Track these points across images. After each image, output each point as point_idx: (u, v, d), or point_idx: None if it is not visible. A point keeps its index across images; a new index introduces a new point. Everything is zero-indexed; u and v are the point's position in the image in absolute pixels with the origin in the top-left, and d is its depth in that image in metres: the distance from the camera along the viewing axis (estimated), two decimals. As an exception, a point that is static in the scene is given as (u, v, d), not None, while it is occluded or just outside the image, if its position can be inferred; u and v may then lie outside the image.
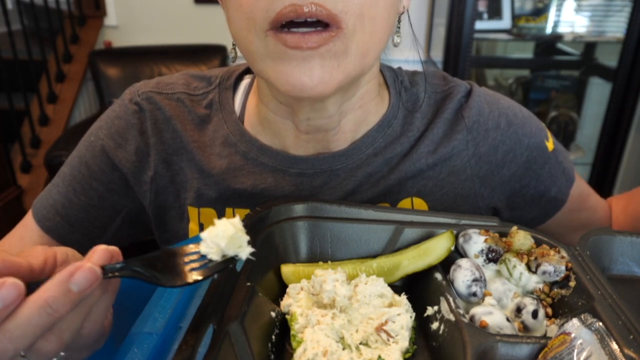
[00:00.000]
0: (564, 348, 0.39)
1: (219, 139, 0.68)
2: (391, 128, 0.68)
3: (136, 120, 0.69)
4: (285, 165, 0.67)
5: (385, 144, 0.68)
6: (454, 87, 0.71)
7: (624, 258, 0.55)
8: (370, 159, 0.67)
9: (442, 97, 0.70)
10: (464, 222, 0.55)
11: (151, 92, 0.70)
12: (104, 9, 2.89)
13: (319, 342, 0.43)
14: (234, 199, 0.68)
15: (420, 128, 0.69)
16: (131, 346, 0.42)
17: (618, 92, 2.15)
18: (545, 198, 0.73)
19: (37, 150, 2.71)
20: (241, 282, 0.45)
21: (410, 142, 0.68)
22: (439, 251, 0.52)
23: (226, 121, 0.69)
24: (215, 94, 0.70)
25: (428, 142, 0.68)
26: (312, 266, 0.53)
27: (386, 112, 0.68)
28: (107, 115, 0.71)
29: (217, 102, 0.70)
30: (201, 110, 0.70)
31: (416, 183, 0.68)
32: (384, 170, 0.67)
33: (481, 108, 0.69)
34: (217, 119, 0.69)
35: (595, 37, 2.35)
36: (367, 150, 0.67)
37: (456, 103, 0.69)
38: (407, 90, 0.71)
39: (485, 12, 2.32)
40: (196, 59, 2.72)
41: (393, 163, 0.68)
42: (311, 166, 0.66)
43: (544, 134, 0.73)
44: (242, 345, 0.40)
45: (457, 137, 0.68)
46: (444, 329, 0.45)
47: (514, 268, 0.50)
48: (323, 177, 0.67)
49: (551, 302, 0.49)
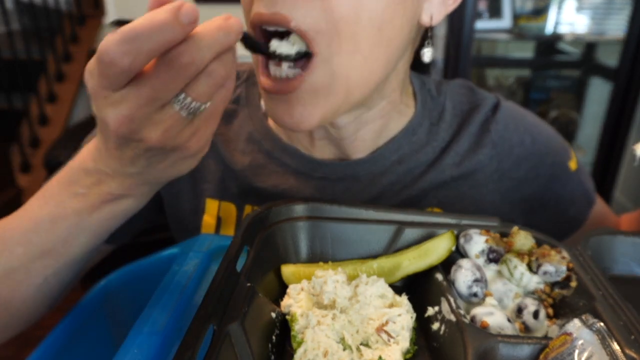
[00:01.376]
0: (565, 348, 0.39)
1: (243, 134, 0.67)
2: (416, 136, 0.67)
3: None
4: (309, 168, 0.66)
5: (411, 151, 0.66)
6: (481, 99, 0.70)
7: (625, 258, 0.55)
8: (394, 167, 0.66)
9: (469, 109, 0.69)
10: (465, 223, 0.55)
11: None
12: (104, 9, 2.89)
13: (319, 343, 0.42)
14: (254, 197, 0.67)
15: (446, 139, 0.67)
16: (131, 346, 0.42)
17: (618, 92, 2.15)
18: (564, 218, 0.72)
19: (36, 150, 2.71)
20: (241, 283, 0.45)
21: (435, 152, 0.67)
22: (439, 251, 0.51)
23: (252, 117, 0.68)
24: (243, 89, 0.70)
25: (453, 153, 0.67)
26: (312, 266, 0.53)
27: (411, 119, 0.67)
28: None
29: (244, 98, 0.69)
30: (228, 105, 0.68)
31: (438, 194, 0.67)
32: (407, 180, 0.66)
33: (507, 123, 0.68)
34: (243, 115, 0.68)
35: (596, 37, 2.35)
36: (391, 157, 0.66)
37: (483, 116, 0.68)
38: (434, 99, 0.69)
39: (486, 11, 2.31)
40: (196, 59, 2.71)
41: (416, 173, 0.66)
42: (334, 171, 0.65)
43: (567, 153, 0.72)
44: (242, 345, 0.40)
45: (483, 151, 0.67)
46: (444, 329, 0.45)
47: (515, 268, 0.50)
48: (345, 183, 0.66)
49: (552, 303, 0.49)
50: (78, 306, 0.55)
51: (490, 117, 0.68)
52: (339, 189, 0.66)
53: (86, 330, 0.53)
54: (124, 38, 0.33)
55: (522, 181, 0.69)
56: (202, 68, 0.36)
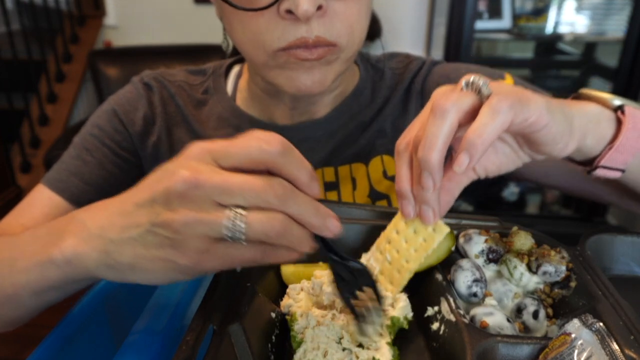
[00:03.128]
0: (564, 348, 0.39)
1: (214, 115, 0.78)
2: (363, 96, 0.79)
3: (144, 92, 0.78)
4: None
5: (359, 109, 0.78)
6: (413, 60, 0.81)
7: (625, 258, 0.55)
8: (347, 123, 0.77)
9: (403, 70, 0.81)
10: (465, 223, 0.55)
11: (157, 75, 0.81)
12: (104, 9, 2.88)
13: (319, 343, 0.42)
14: None
15: (386, 95, 0.79)
16: (132, 346, 0.42)
17: (618, 92, 2.13)
18: None
19: (37, 150, 2.71)
20: (241, 283, 0.45)
21: (378, 106, 0.78)
22: (439, 251, 0.51)
23: (220, 101, 0.79)
24: (210, 81, 0.81)
25: (391, 106, 0.78)
26: (312, 267, 0.53)
27: (357, 83, 0.79)
28: (118, 91, 0.80)
29: (212, 88, 0.80)
30: (199, 95, 0.80)
31: (384, 143, 0.77)
32: (357, 133, 0.77)
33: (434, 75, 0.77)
34: (212, 101, 0.79)
35: (596, 37, 2.35)
36: (344, 115, 0.77)
37: (412, 73, 0.79)
38: (373, 66, 0.82)
39: (486, 11, 2.32)
40: (196, 59, 2.71)
41: (365, 125, 0.77)
42: (296, 134, 0.74)
43: (500, 75, 0.74)
44: (242, 345, 0.40)
45: (412, 102, 0.78)
46: (444, 329, 0.45)
47: (514, 268, 0.50)
48: (308, 144, 0.75)
49: (552, 303, 0.49)
50: (78, 306, 0.55)
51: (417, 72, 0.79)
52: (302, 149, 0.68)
53: (86, 330, 0.53)
54: (285, 149, 0.38)
55: None
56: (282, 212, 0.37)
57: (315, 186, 0.39)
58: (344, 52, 0.63)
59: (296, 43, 0.59)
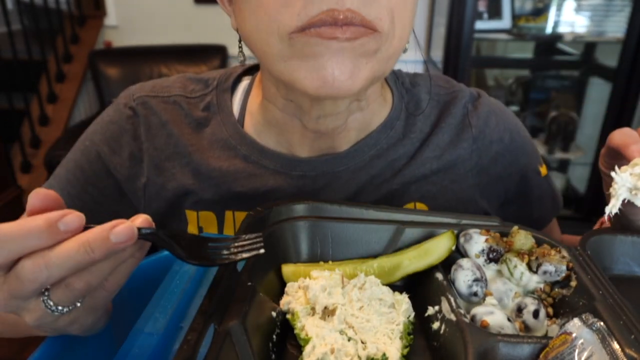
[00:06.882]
0: (565, 348, 0.39)
1: (218, 142, 0.67)
2: (394, 130, 0.67)
3: (130, 125, 0.68)
4: (287, 167, 0.66)
5: (388, 145, 0.67)
6: (459, 91, 0.70)
7: (625, 258, 0.55)
8: (373, 161, 0.66)
9: (447, 101, 0.69)
10: (465, 222, 0.55)
11: (147, 96, 0.69)
12: (104, 9, 2.89)
13: (324, 339, 0.43)
14: (234, 202, 0.67)
15: (424, 130, 0.68)
16: (132, 346, 0.42)
17: (618, 92, 2.15)
18: (529, 218, 0.74)
19: (37, 150, 2.71)
20: (242, 282, 0.45)
21: (415, 145, 0.67)
22: (439, 251, 0.52)
23: (225, 124, 0.67)
24: (213, 96, 0.69)
25: (433, 146, 0.67)
26: (312, 266, 0.53)
27: (389, 113, 0.68)
28: (102, 119, 0.70)
29: (215, 105, 0.69)
30: (198, 113, 0.68)
31: (420, 188, 0.67)
32: (387, 174, 0.66)
33: (488, 118, 0.69)
34: (215, 122, 0.68)
35: (595, 37, 2.35)
36: (369, 151, 0.66)
37: (462, 109, 0.69)
38: (409, 91, 0.70)
39: (485, 12, 2.32)
40: (196, 59, 2.72)
41: (396, 166, 0.67)
42: (313, 168, 0.65)
43: (539, 159, 0.75)
44: (243, 345, 0.40)
45: (463, 145, 0.68)
46: (445, 328, 0.45)
47: (514, 268, 0.50)
48: (325, 179, 0.66)
49: (552, 302, 0.49)
50: (79, 306, 0.55)
51: (472, 110, 0.69)
52: (318, 186, 0.66)
53: (87, 329, 0.53)
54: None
55: (498, 178, 0.71)
56: (51, 282, 0.38)
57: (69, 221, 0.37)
58: (384, 45, 0.50)
59: (321, 18, 0.46)
